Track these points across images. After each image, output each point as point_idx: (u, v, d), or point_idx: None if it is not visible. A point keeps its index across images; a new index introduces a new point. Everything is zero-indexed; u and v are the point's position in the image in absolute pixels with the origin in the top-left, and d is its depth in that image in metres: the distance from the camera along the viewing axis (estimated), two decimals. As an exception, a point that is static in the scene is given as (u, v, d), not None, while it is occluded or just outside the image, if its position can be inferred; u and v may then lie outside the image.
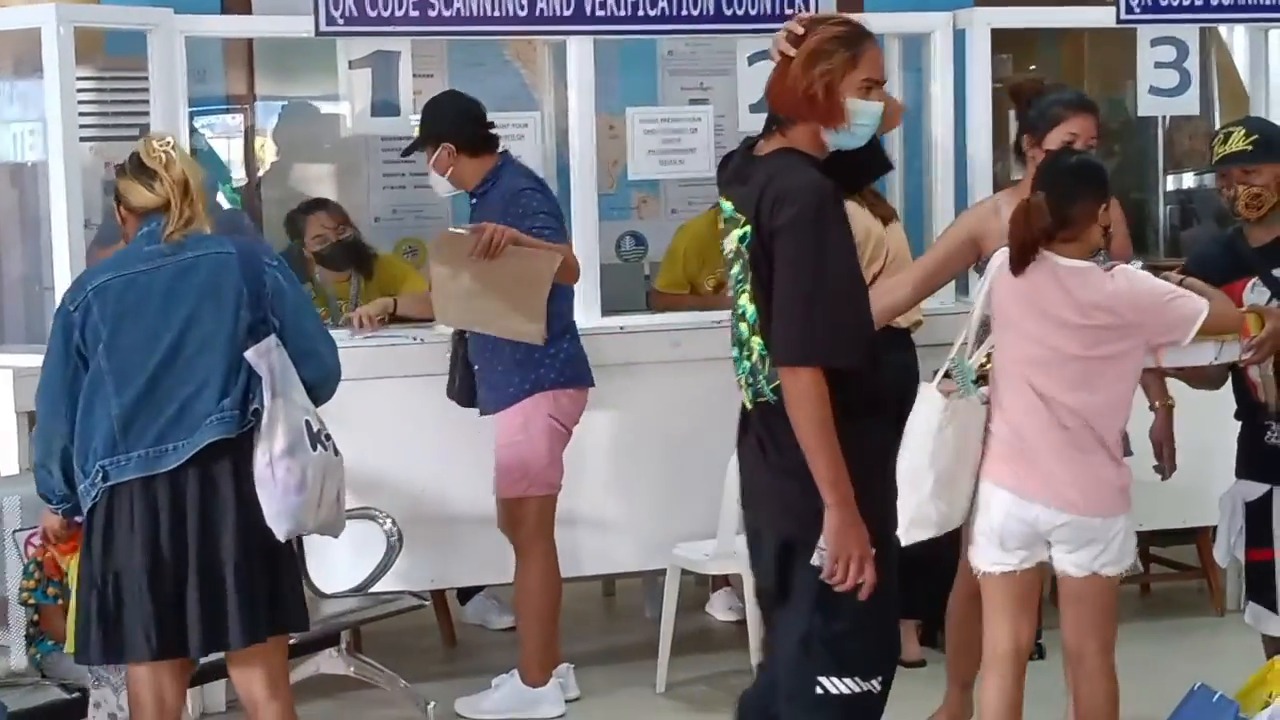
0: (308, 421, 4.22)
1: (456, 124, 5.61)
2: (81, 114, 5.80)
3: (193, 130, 6.33)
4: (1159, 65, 6.57)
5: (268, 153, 7.95)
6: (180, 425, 4.13)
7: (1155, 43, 6.57)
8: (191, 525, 4.12)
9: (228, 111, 7.81)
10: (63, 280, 5.54)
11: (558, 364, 5.54)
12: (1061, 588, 4.43)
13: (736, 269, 3.73)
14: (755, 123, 6.41)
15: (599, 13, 6.10)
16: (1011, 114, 6.63)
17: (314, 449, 4.20)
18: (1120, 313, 4.24)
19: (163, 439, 4.12)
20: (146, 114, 5.83)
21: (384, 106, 6.11)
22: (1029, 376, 4.27)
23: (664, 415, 6.08)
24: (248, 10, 7.25)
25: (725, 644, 6.35)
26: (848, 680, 3.66)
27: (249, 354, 4.16)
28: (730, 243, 3.73)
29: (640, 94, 7.47)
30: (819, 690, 3.65)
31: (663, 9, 6.16)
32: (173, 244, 4.20)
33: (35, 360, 5.58)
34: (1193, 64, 6.57)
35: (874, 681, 3.70)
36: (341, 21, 5.89)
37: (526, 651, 5.61)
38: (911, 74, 6.73)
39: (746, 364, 3.74)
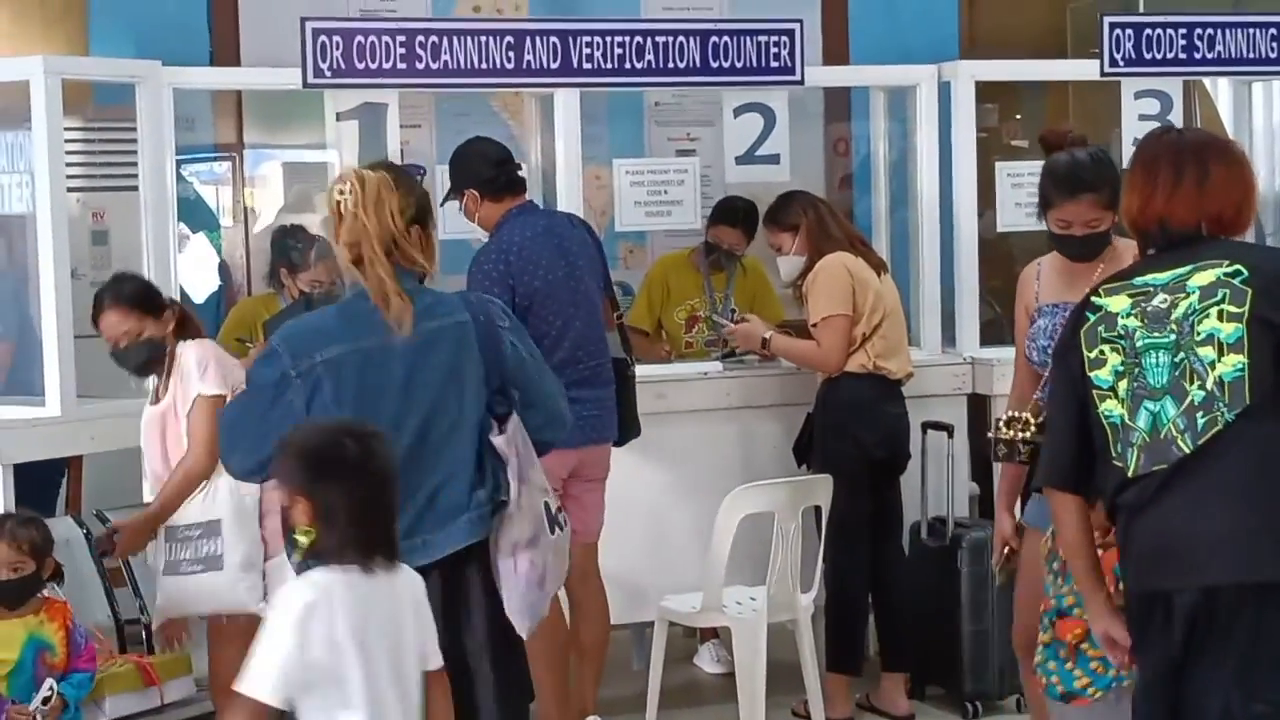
0: (547, 504, 3.92)
1: (474, 169, 5.52)
2: (69, 164, 5.81)
3: (180, 178, 6.32)
4: (1143, 117, 6.59)
5: (256, 201, 7.94)
6: (429, 518, 3.75)
7: (1139, 95, 6.62)
8: (438, 623, 3.66)
9: (216, 159, 7.82)
10: (50, 331, 5.54)
11: None
12: None
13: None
14: (741, 174, 6.52)
15: (585, 65, 6.12)
16: (996, 163, 6.70)
17: (551, 533, 3.90)
18: None
19: (412, 533, 3.68)
20: (134, 164, 5.84)
21: (372, 157, 6.10)
22: None
23: (651, 467, 6.06)
24: (236, 61, 7.27)
25: (713, 696, 6.33)
26: None
27: (498, 441, 3.83)
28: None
29: (627, 145, 7.50)
30: None
31: (649, 61, 6.19)
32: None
33: (22, 412, 5.60)
34: (1177, 116, 6.60)
35: None
36: (329, 73, 5.91)
37: None
38: (896, 125, 6.76)
39: (1198, 395, 3.33)
